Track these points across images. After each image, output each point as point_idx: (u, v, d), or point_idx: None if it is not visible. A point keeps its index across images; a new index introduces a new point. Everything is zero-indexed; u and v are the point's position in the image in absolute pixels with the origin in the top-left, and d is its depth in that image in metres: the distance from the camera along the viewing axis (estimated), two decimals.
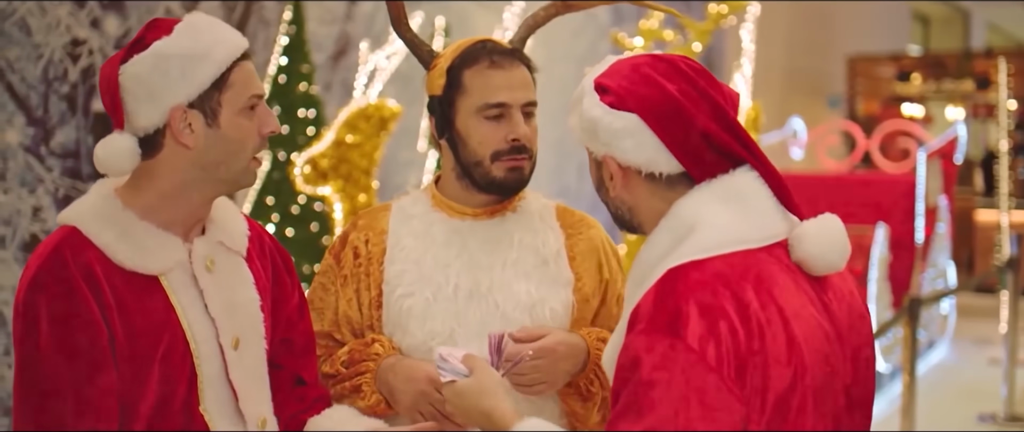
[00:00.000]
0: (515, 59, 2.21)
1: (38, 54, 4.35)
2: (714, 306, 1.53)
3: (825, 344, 1.61)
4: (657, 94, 1.66)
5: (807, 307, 1.61)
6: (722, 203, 1.64)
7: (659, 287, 1.58)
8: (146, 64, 1.86)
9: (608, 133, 1.68)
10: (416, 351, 2.19)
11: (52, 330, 1.79)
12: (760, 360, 1.52)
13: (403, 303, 2.20)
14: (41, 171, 4.38)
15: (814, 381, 1.58)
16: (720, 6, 5.49)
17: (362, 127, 4.26)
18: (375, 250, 2.26)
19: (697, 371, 1.49)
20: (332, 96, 5.76)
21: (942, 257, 8.32)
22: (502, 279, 2.20)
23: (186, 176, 1.91)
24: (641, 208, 1.72)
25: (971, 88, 13.77)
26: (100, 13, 4.57)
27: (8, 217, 4.27)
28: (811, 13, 12.29)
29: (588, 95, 1.72)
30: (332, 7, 5.83)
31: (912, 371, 5.01)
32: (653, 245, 1.67)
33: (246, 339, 1.98)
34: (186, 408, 1.89)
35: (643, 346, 1.52)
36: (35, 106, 4.35)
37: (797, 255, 1.65)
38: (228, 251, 2.00)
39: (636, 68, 1.70)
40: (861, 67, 13.71)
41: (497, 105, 2.17)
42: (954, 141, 8.55)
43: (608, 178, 1.73)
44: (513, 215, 2.27)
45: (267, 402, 2.03)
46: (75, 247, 1.84)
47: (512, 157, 2.18)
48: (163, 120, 1.87)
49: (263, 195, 4.67)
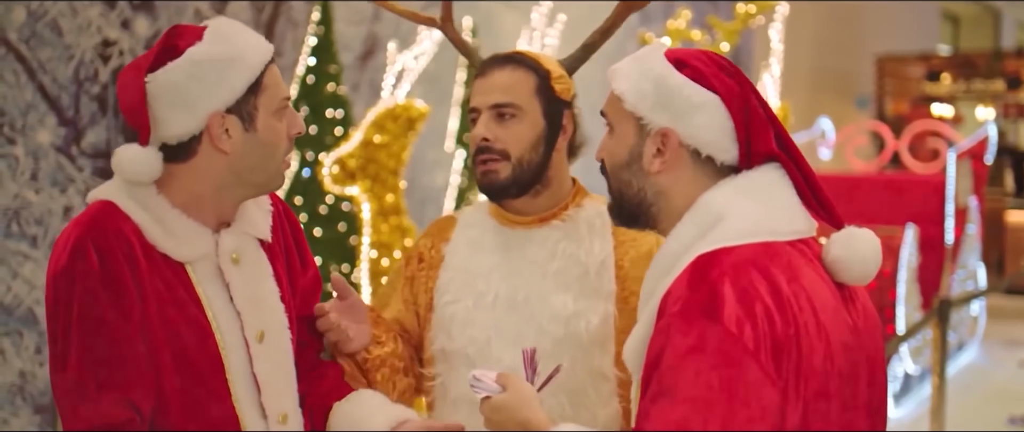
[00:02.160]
0: (504, 64, 2.24)
1: (69, 55, 4.38)
2: (749, 289, 1.53)
3: (849, 336, 1.62)
4: (734, 83, 1.67)
5: (830, 300, 1.62)
6: (748, 196, 1.64)
7: (691, 272, 1.57)
8: (181, 71, 1.85)
9: (685, 105, 1.66)
10: (456, 356, 2.22)
11: (91, 298, 1.79)
12: (794, 344, 1.52)
13: (448, 309, 2.23)
14: (72, 171, 4.41)
15: (841, 369, 1.58)
16: (748, 6, 5.47)
17: (390, 127, 4.27)
18: (436, 257, 2.30)
19: (735, 354, 1.48)
20: (360, 96, 5.78)
21: (972, 258, 8.25)
22: (541, 290, 2.20)
23: (220, 181, 1.91)
24: (674, 193, 1.70)
25: (1002, 88, 13.66)
26: (130, 14, 4.60)
27: (40, 216, 4.31)
28: (839, 13, 12.22)
29: (661, 65, 1.70)
30: (360, 7, 5.85)
31: (942, 373, 4.97)
32: (677, 237, 1.66)
33: (271, 332, 1.99)
34: (214, 401, 1.90)
35: (678, 329, 1.51)
36: (66, 106, 4.39)
37: (837, 254, 1.66)
38: (253, 242, 2.00)
39: (709, 54, 1.71)
40: (890, 67, 13.63)
41: (472, 111, 2.23)
42: (984, 141, 8.49)
43: (653, 153, 1.69)
44: (561, 224, 2.25)
45: (291, 395, 2.03)
46: (114, 218, 1.84)
47: (477, 159, 2.22)
48: (200, 127, 1.87)
49: (291, 195, 4.69)
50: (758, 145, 1.67)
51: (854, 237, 1.67)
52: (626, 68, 1.74)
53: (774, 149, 1.67)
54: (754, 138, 1.67)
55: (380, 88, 4.64)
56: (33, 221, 4.29)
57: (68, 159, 4.39)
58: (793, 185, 1.68)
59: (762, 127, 1.67)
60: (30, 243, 4.29)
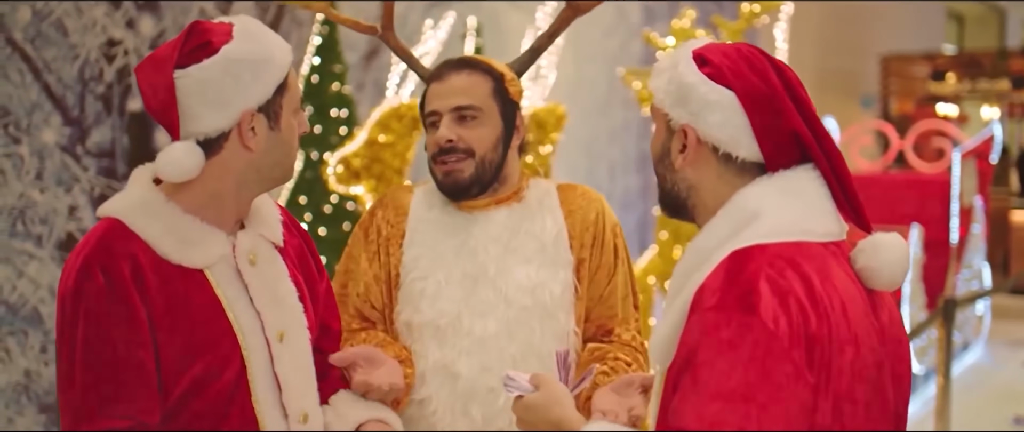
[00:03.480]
0: (460, 68, 2.37)
1: (74, 54, 4.39)
2: (785, 285, 1.52)
3: (876, 341, 1.61)
4: (759, 80, 1.66)
5: (860, 304, 1.61)
6: (783, 196, 1.64)
7: (727, 267, 1.56)
8: (217, 68, 1.86)
9: (700, 102, 1.66)
10: (425, 328, 2.33)
11: (96, 320, 1.80)
12: (827, 342, 1.52)
13: (416, 285, 2.35)
14: (77, 170, 4.42)
15: (868, 374, 1.58)
16: (753, 5, 5.46)
17: (394, 127, 4.27)
18: (395, 231, 2.40)
19: (772, 349, 1.47)
20: (364, 96, 5.78)
21: (977, 258, 8.25)
22: (504, 265, 2.34)
23: (242, 177, 1.93)
24: (703, 189, 1.70)
25: (1007, 87, 13.64)
26: (135, 14, 4.61)
27: (45, 216, 4.31)
28: (844, 12, 12.22)
29: (685, 62, 1.70)
30: (365, 7, 5.85)
31: (946, 373, 4.97)
32: (710, 233, 1.65)
33: (291, 332, 2.00)
34: (236, 401, 1.90)
35: (714, 323, 1.50)
36: (71, 106, 4.39)
37: (865, 263, 1.65)
38: (268, 243, 2.02)
39: (739, 51, 1.70)
40: (895, 66, 13.61)
41: (430, 114, 2.36)
42: (989, 141, 8.48)
43: (678, 149, 1.70)
44: (518, 205, 2.40)
45: (312, 394, 2.05)
46: (121, 238, 1.85)
47: (438, 160, 2.33)
48: (231, 124, 1.88)
49: (296, 194, 4.70)
50: (782, 144, 1.66)
51: (880, 246, 1.66)
52: (661, 66, 1.75)
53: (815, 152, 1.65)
54: (777, 137, 1.65)
55: (384, 88, 4.64)
56: (38, 220, 4.30)
57: (73, 158, 4.40)
58: (827, 186, 1.67)
59: (787, 126, 1.65)
60: (35, 242, 4.30)
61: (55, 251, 4.35)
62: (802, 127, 1.65)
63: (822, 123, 1.68)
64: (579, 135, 7.44)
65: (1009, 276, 10.62)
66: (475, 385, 2.29)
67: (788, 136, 1.65)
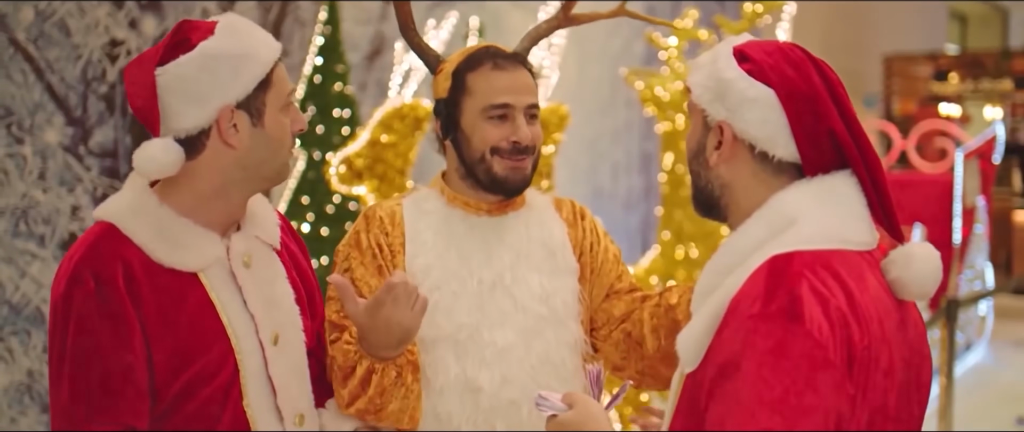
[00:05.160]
0: (518, 63, 2.29)
1: (77, 54, 4.39)
2: (826, 294, 1.50)
3: (906, 350, 1.60)
4: (799, 78, 1.63)
5: (894, 314, 1.60)
6: (821, 203, 1.61)
7: (768, 273, 1.53)
8: (194, 65, 1.86)
9: (738, 98, 1.64)
10: (442, 343, 2.23)
11: (85, 326, 1.80)
12: (868, 353, 1.50)
13: (430, 297, 2.21)
14: (80, 170, 4.42)
15: (900, 386, 1.57)
16: (755, 5, 5.46)
17: (397, 127, 4.27)
18: (396, 244, 2.29)
19: (816, 358, 1.45)
20: (367, 96, 5.78)
21: (980, 258, 8.24)
22: (518, 273, 2.28)
23: (228, 176, 1.91)
24: (737, 188, 1.68)
25: (1010, 87, 13.62)
26: (138, 14, 4.61)
27: (47, 216, 4.32)
28: (847, 12, 12.21)
29: (724, 58, 1.68)
30: (367, 7, 5.85)
31: (949, 373, 4.97)
32: (746, 234, 1.63)
33: (285, 334, 1.99)
34: (229, 404, 1.90)
35: (758, 331, 1.48)
36: (74, 106, 4.40)
37: (897, 274, 1.63)
38: (263, 246, 2.01)
39: (782, 49, 1.67)
40: (897, 66, 13.60)
41: (501, 106, 2.24)
42: (992, 141, 8.47)
43: (714, 146, 1.68)
44: (524, 210, 2.36)
45: (306, 397, 2.04)
46: (113, 243, 1.85)
47: (513, 157, 2.25)
48: (210, 121, 1.87)
49: (298, 194, 4.70)
50: (820, 145, 1.63)
51: (913, 257, 1.64)
52: (701, 61, 1.73)
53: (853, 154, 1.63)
54: (815, 138, 1.62)
55: (387, 88, 4.64)
56: (41, 220, 4.30)
57: (76, 159, 4.40)
58: (863, 193, 1.65)
59: (825, 127, 1.62)
60: (38, 242, 4.30)
61: (58, 251, 4.35)
62: (842, 129, 1.62)
63: (862, 126, 1.65)
64: (582, 135, 7.44)
65: (1012, 276, 10.62)
66: (497, 398, 2.21)
67: (826, 137, 1.62)
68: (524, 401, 2.21)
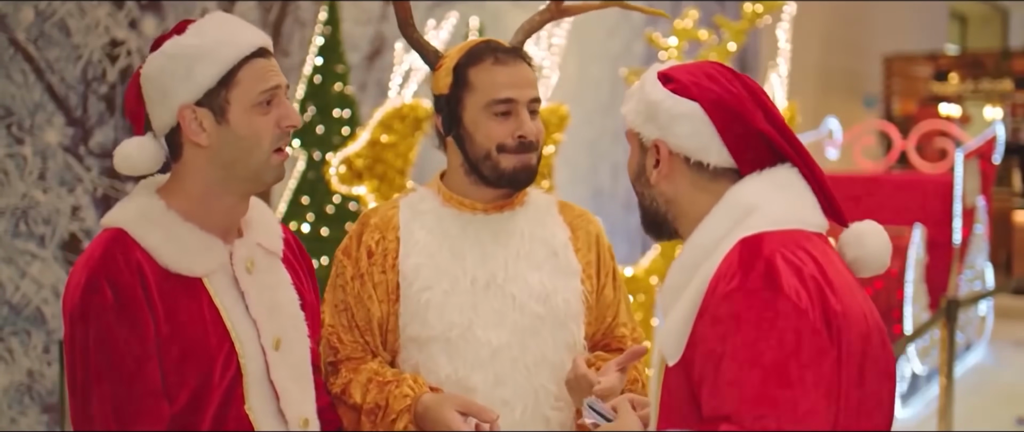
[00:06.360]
0: (518, 57, 2.28)
1: (77, 55, 4.40)
2: (799, 263, 1.58)
3: (876, 320, 1.67)
4: (720, 89, 1.73)
5: (857, 292, 1.68)
6: (776, 189, 1.70)
7: (741, 252, 1.61)
8: (156, 65, 1.89)
9: (667, 116, 1.73)
10: (434, 342, 2.22)
11: (108, 337, 1.80)
12: (841, 317, 1.57)
13: (421, 296, 2.23)
14: (80, 171, 4.42)
15: (869, 350, 1.62)
16: (755, 5, 5.46)
17: (397, 127, 4.27)
18: (390, 247, 2.28)
19: (800, 323, 1.53)
20: (367, 96, 5.78)
21: (980, 258, 8.24)
22: (515, 271, 2.26)
23: (209, 176, 1.92)
24: (681, 201, 1.76)
25: (1010, 87, 13.62)
26: (138, 14, 4.61)
27: (48, 216, 4.32)
28: (847, 12, 12.20)
29: (650, 82, 1.78)
30: (367, 7, 5.85)
31: (949, 373, 4.96)
32: (709, 229, 1.70)
33: (288, 339, 1.99)
34: (231, 408, 1.90)
35: (740, 304, 1.55)
36: (74, 106, 4.40)
37: (855, 253, 1.74)
38: (266, 252, 2.02)
39: (702, 67, 1.78)
40: (898, 67, 13.60)
41: (504, 101, 2.22)
42: (992, 141, 8.46)
43: (653, 165, 1.77)
44: (521, 209, 2.32)
45: (310, 402, 2.05)
46: (125, 248, 1.85)
47: (520, 152, 2.23)
48: (174, 120, 1.89)
49: (298, 195, 4.70)
50: (751, 146, 1.71)
51: (864, 235, 1.76)
52: (630, 91, 1.84)
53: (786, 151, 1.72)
54: (745, 140, 1.71)
55: (387, 88, 4.64)
56: (41, 220, 4.30)
57: (76, 159, 4.41)
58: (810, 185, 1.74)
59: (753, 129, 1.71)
60: (38, 242, 4.30)
61: (58, 251, 4.35)
62: (769, 129, 1.72)
63: (789, 126, 1.76)
64: (582, 135, 7.44)
65: (1012, 277, 10.62)
66: (490, 399, 2.18)
67: (756, 138, 1.71)
68: (518, 401, 2.21)
